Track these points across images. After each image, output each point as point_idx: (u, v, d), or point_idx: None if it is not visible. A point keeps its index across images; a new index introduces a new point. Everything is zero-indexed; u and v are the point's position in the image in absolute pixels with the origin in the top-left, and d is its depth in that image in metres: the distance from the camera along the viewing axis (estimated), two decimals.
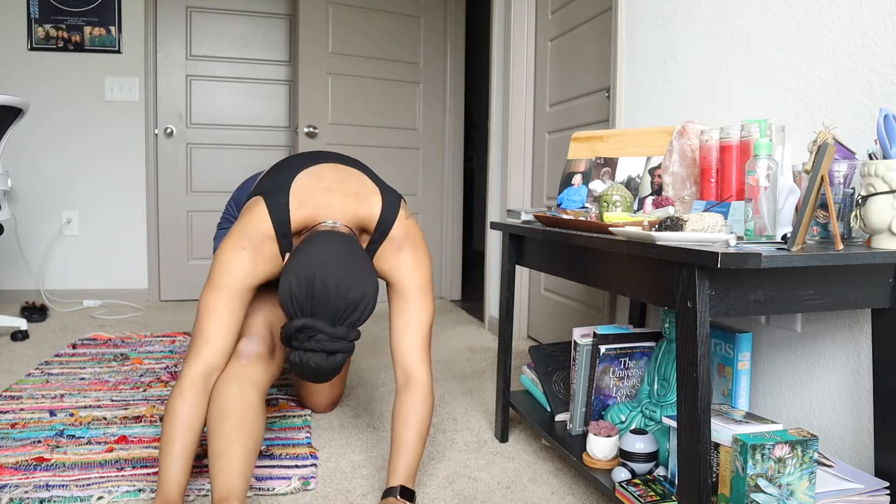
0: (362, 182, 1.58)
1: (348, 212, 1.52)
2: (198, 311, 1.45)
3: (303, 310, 1.34)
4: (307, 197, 1.51)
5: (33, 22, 3.78)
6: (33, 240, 3.88)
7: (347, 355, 1.38)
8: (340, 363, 1.37)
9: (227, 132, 4.09)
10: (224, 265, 1.44)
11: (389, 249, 1.57)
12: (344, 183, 1.56)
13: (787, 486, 1.09)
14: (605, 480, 1.34)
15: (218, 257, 1.46)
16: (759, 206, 1.12)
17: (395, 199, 1.58)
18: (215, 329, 1.41)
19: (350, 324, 1.36)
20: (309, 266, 1.34)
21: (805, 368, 1.42)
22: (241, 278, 1.44)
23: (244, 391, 1.40)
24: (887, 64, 1.23)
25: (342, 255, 1.37)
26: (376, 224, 1.55)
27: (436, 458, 1.71)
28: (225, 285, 1.43)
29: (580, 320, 2.62)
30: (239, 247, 1.46)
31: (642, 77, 2.01)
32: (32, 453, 1.65)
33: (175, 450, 1.31)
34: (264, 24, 4.09)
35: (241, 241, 1.46)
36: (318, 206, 1.51)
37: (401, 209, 1.59)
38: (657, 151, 1.56)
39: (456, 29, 4.14)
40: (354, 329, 1.38)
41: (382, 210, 1.55)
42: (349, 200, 1.53)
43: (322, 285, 1.33)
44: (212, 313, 1.42)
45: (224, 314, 1.43)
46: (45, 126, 3.83)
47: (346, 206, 1.52)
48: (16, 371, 2.41)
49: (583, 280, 1.39)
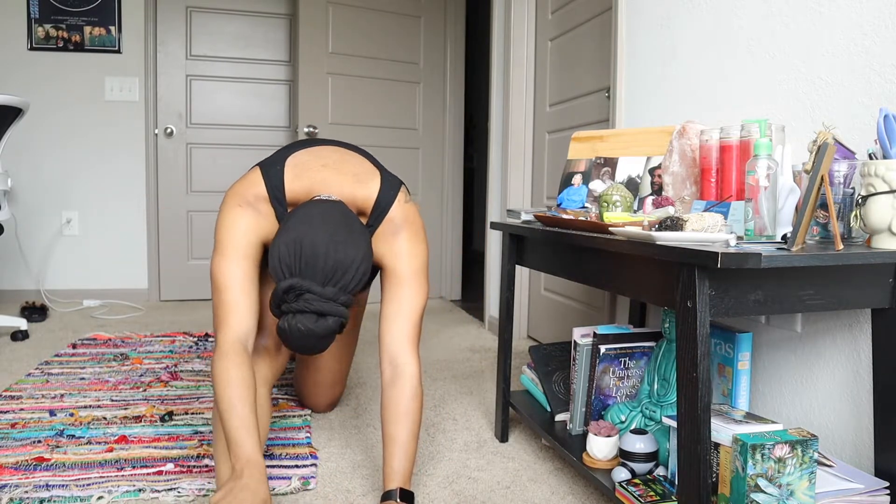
0: (362, 163, 1.56)
1: (345, 191, 1.49)
2: (213, 280, 1.41)
3: (291, 271, 1.31)
4: (303, 172, 1.49)
5: (33, 22, 3.78)
6: (33, 240, 3.88)
7: (339, 321, 1.33)
8: (332, 328, 1.32)
9: (227, 132, 4.09)
10: (226, 227, 1.42)
11: (386, 232, 1.53)
12: (342, 163, 1.53)
13: (787, 486, 1.09)
14: (605, 480, 1.34)
15: (219, 222, 1.44)
16: (759, 205, 1.12)
17: (394, 182, 1.55)
18: (236, 293, 1.39)
19: (341, 287, 1.32)
20: (298, 228, 1.32)
21: (805, 368, 1.42)
22: (246, 234, 1.42)
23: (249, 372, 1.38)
24: (887, 64, 1.23)
25: (332, 217, 1.35)
26: (373, 205, 1.51)
27: (436, 457, 1.71)
28: (232, 246, 1.41)
29: (580, 320, 2.62)
30: (235, 205, 1.44)
31: (642, 77, 2.01)
32: (32, 453, 1.65)
33: (243, 410, 1.28)
34: (264, 23, 4.09)
35: (236, 201, 1.44)
36: (313, 181, 1.48)
37: (400, 192, 1.55)
38: (657, 151, 1.56)
39: (456, 29, 4.14)
40: (345, 293, 1.33)
41: (380, 191, 1.52)
42: (346, 179, 1.50)
43: (311, 244, 1.30)
44: (228, 279, 1.40)
45: (239, 276, 1.41)
46: (46, 126, 3.84)
47: (343, 185, 1.49)
48: (16, 371, 2.41)
49: (583, 280, 1.39)
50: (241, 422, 1.27)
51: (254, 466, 1.23)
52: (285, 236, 1.32)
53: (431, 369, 2.55)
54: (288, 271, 1.31)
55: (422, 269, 1.54)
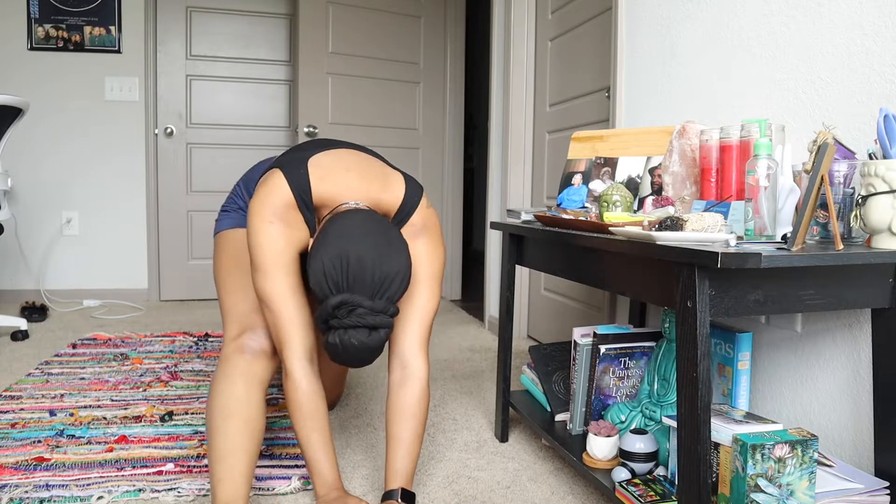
0: (384, 168, 1.55)
1: (371, 195, 1.48)
2: (265, 301, 1.40)
3: (339, 286, 1.29)
4: (327, 174, 1.47)
5: (33, 22, 3.78)
6: (33, 239, 3.88)
7: (388, 332, 1.33)
8: (383, 340, 1.32)
9: (227, 132, 4.09)
10: (262, 247, 1.40)
11: (407, 235, 1.53)
12: (364, 167, 1.52)
13: (787, 485, 1.09)
14: (605, 480, 1.34)
15: (255, 241, 1.42)
16: (759, 205, 1.12)
17: (417, 187, 1.55)
18: (292, 310, 1.39)
19: (388, 298, 1.32)
20: (340, 241, 1.31)
21: (805, 368, 1.42)
22: (284, 252, 1.41)
23: (249, 390, 1.39)
24: (887, 63, 1.23)
25: (374, 228, 1.34)
26: (397, 209, 1.52)
27: (436, 457, 1.71)
28: (275, 266, 1.40)
29: (580, 320, 2.62)
30: (267, 222, 1.41)
31: (642, 77, 2.01)
32: (32, 453, 1.65)
33: (319, 440, 1.38)
34: (264, 23, 4.09)
35: (266, 217, 1.41)
36: (337, 184, 1.46)
37: (423, 198, 1.56)
38: (657, 151, 1.56)
39: (456, 29, 4.14)
40: (393, 304, 1.33)
41: (405, 196, 1.52)
42: (371, 184, 1.49)
43: (357, 259, 1.29)
44: (281, 298, 1.39)
45: (289, 293, 1.40)
46: (46, 126, 3.84)
47: (368, 189, 1.48)
48: (16, 371, 2.41)
49: (583, 280, 1.39)
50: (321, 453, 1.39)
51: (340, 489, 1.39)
52: (328, 251, 1.30)
53: (431, 369, 2.55)
54: (335, 287, 1.30)
55: (438, 273, 1.55)
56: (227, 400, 1.37)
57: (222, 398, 1.37)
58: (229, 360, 1.43)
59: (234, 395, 1.38)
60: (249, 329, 1.49)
